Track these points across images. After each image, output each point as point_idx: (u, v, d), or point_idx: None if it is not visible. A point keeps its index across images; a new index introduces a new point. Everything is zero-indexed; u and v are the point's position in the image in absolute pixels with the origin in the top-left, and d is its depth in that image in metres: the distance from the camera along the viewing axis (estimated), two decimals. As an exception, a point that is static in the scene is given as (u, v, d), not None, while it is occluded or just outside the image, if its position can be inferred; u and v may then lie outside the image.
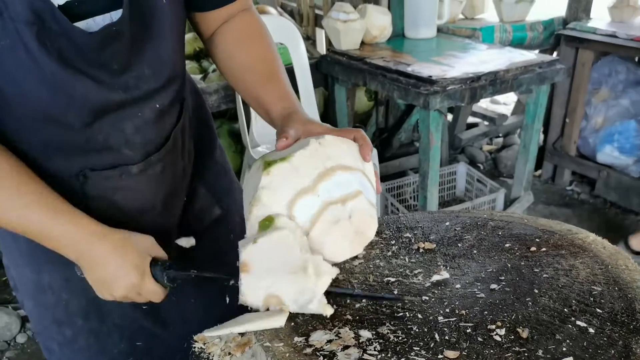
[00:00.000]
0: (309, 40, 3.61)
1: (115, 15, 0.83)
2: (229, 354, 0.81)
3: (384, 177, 3.02)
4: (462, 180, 3.09)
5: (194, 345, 0.82)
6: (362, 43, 2.68)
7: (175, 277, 0.91)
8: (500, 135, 3.91)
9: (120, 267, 0.86)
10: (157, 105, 0.94)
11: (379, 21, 2.66)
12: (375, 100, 3.17)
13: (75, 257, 0.87)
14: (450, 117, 3.60)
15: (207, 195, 1.14)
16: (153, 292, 0.90)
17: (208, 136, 1.18)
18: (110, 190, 0.93)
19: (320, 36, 3.75)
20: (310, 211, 0.85)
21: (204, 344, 0.86)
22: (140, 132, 0.93)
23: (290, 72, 2.57)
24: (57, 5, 0.77)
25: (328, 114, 2.92)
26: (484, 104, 4.30)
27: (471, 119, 3.83)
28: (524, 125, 2.60)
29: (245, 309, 0.85)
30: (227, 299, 0.94)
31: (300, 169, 0.85)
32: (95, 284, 0.89)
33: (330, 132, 0.90)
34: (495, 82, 2.26)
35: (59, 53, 0.79)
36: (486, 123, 3.83)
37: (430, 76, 2.19)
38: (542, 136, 3.32)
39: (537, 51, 2.86)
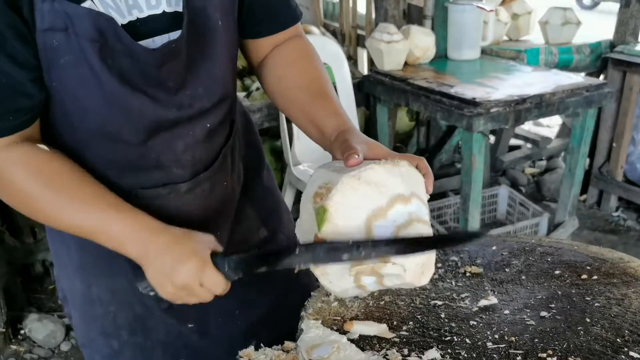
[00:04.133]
0: (351, 60, 3.65)
1: (174, 35, 0.87)
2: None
3: (423, 198, 3.01)
4: (503, 203, 3.04)
5: (239, 360, 0.83)
6: (405, 64, 2.69)
7: (237, 264, 0.84)
8: (544, 158, 3.84)
9: (181, 254, 0.84)
10: (208, 125, 0.97)
11: (422, 42, 2.66)
12: (416, 120, 3.17)
13: (136, 253, 0.85)
14: (492, 138, 3.56)
15: (254, 216, 1.15)
16: (215, 281, 0.84)
17: (256, 157, 1.19)
18: (158, 209, 0.93)
19: (362, 56, 3.78)
20: (385, 233, 0.79)
21: (249, 359, 0.88)
22: (190, 151, 0.96)
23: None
24: (120, 24, 0.81)
25: (369, 134, 2.91)
26: (526, 126, 4.24)
27: (513, 141, 3.78)
28: (570, 149, 2.56)
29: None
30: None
31: (377, 188, 0.79)
32: (155, 278, 0.86)
33: (395, 156, 0.85)
34: (540, 105, 2.24)
35: (120, 71, 0.83)
36: (529, 145, 3.77)
37: (474, 98, 2.18)
38: (587, 160, 3.25)
39: (583, 74, 2.81)
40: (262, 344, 0.90)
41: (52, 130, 0.88)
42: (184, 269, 0.83)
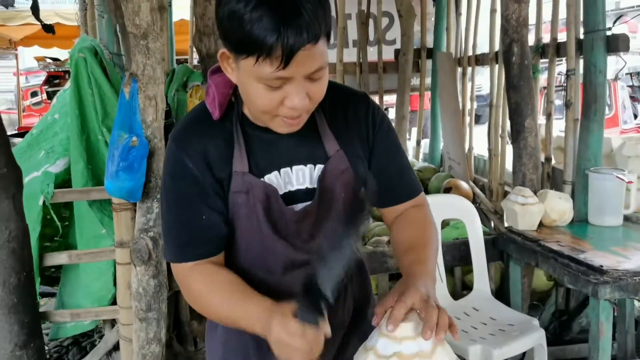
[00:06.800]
0: (497, 214, 3.80)
1: (308, 203, 1.23)
2: None
3: (559, 362, 2.93)
4: (651, 380, 2.83)
5: None
6: (541, 224, 2.80)
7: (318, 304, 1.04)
8: None
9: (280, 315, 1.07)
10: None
11: (558, 206, 2.78)
12: (555, 280, 3.17)
13: (261, 329, 1.09)
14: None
15: (358, 348, 1.39)
16: (314, 335, 1.04)
17: (365, 297, 1.46)
18: None
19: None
20: None
21: None
22: None
23: (466, 245, 2.80)
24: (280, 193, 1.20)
25: (503, 289, 3.01)
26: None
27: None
28: None
29: None
30: None
31: None
32: (276, 346, 1.06)
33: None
34: (676, 279, 2.20)
35: (273, 223, 1.20)
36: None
37: (601, 266, 2.22)
38: None
39: None
40: None
41: (230, 260, 1.26)
42: (274, 323, 1.06)
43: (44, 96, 10.40)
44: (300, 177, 1.23)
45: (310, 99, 1.10)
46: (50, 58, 9.73)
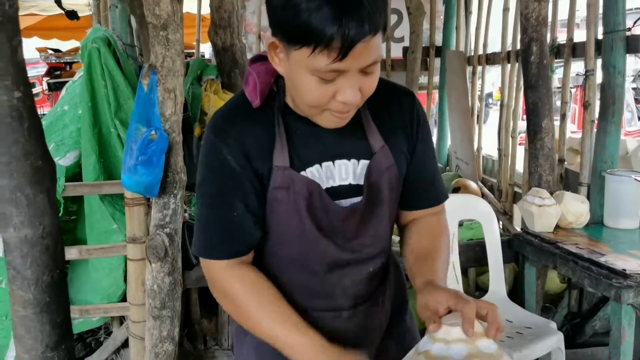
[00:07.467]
0: (506, 215, 3.78)
1: (356, 199, 1.19)
2: None
3: (572, 365, 2.91)
4: (665, 385, 2.81)
5: None
6: (557, 227, 2.77)
7: None
8: None
9: None
10: (371, 269, 1.25)
11: (575, 208, 2.75)
12: (568, 282, 3.14)
13: None
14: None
15: (394, 351, 1.36)
16: None
17: (401, 301, 1.42)
18: (323, 327, 1.17)
19: (518, 213, 3.89)
20: None
21: None
22: (355, 286, 1.24)
23: (481, 246, 2.76)
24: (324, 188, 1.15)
25: (517, 290, 2.98)
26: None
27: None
28: None
29: None
30: None
31: None
32: None
33: (462, 302, 1.02)
34: (699, 285, 2.17)
35: (317, 220, 1.15)
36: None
37: (624, 270, 2.20)
38: None
39: None
40: None
41: (262, 257, 1.21)
42: None
43: (42, 87, 10.27)
44: (343, 172, 1.18)
45: (361, 93, 1.05)
46: (51, 49, 9.62)
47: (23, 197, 1.31)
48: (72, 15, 3.72)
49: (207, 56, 6.95)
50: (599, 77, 2.93)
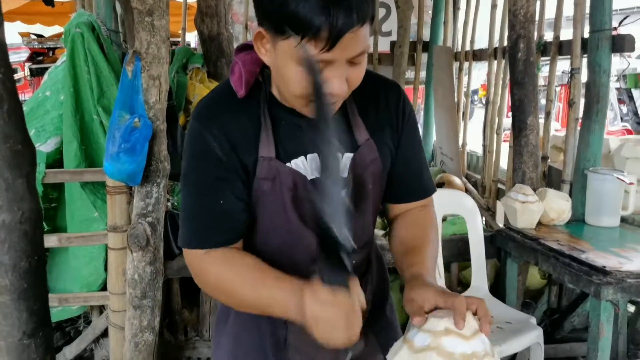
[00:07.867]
0: (489, 211, 3.80)
1: None
2: None
3: (551, 360, 2.94)
4: (640, 381, 2.86)
5: None
6: (540, 223, 2.79)
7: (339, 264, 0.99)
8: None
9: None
10: (353, 261, 1.23)
11: (557, 205, 2.77)
12: (549, 279, 3.18)
13: (296, 312, 1.03)
14: (632, 308, 3.40)
15: (373, 343, 1.36)
16: (346, 302, 1.00)
17: (383, 292, 1.42)
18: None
19: (501, 209, 3.91)
20: None
21: None
22: None
23: (464, 242, 2.77)
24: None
25: (498, 286, 3.00)
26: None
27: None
28: None
29: None
30: None
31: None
32: (314, 326, 1.01)
33: (450, 299, 1.02)
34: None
35: (300, 211, 1.14)
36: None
37: (604, 266, 2.22)
38: None
39: None
40: None
41: (249, 249, 1.19)
42: (329, 304, 1.00)
43: (24, 73, 10.11)
44: None
45: (348, 84, 1.04)
46: (34, 34, 9.46)
47: (2, 181, 1.28)
48: (48, 1, 3.65)
49: (192, 45, 6.89)
50: (584, 76, 2.95)
